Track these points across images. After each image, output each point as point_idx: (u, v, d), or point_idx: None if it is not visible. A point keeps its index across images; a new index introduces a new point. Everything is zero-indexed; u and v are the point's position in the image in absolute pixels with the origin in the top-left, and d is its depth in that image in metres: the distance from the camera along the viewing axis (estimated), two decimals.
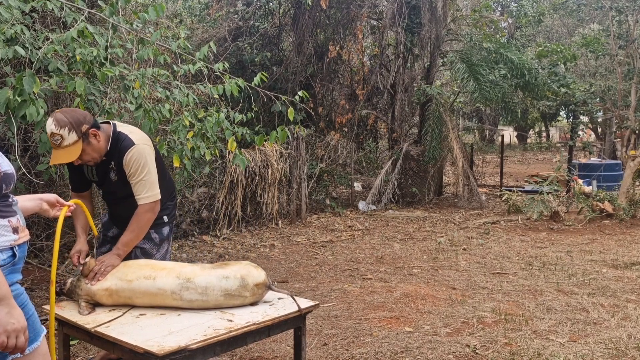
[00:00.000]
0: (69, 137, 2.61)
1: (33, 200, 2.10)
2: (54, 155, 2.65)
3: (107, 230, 3.09)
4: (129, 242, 2.81)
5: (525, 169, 17.69)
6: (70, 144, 2.62)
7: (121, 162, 2.81)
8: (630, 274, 5.39)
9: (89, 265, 2.53)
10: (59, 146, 2.62)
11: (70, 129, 2.60)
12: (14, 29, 3.30)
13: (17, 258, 1.80)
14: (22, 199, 2.05)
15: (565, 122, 23.23)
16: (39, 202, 2.11)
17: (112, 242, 3.05)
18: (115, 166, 2.84)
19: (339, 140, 9.96)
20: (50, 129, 2.59)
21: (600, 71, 14.21)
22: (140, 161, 2.80)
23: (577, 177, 10.77)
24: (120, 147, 2.81)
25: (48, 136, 2.62)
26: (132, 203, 2.85)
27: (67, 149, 2.62)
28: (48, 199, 2.15)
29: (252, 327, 2.33)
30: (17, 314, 1.67)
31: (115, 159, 2.82)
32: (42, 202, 2.12)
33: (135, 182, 2.82)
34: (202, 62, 4.44)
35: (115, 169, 2.85)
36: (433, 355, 3.47)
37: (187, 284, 2.43)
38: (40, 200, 2.12)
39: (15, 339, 1.67)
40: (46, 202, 2.14)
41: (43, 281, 4.97)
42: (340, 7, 10.19)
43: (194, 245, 6.89)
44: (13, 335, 1.66)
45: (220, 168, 7.58)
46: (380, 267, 5.85)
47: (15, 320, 1.66)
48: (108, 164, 2.85)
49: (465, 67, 9.58)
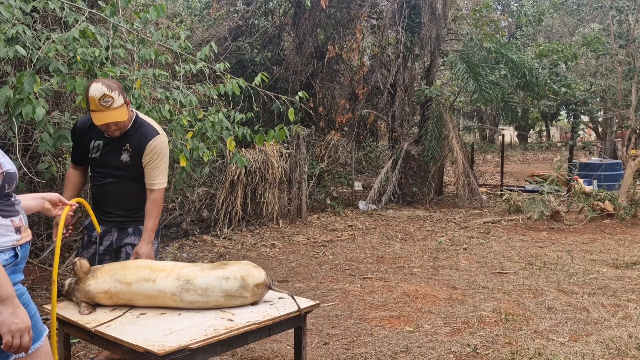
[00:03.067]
0: (118, 99, 2.78)
1: (35, 200, 2.11)
2: (102, 115, 2.77)
3: (91, 232, 3.06)
4: (154, 227, 2.98)
5: (526, 168, 17.69)
6: (119, 106, 2.79)
7: (142, 146, 2.93)
8: (630, 274, 5.39)
9: (80, 266, 2.52)
10: (109, 107, 2.76)
11: (119, 93, 2.79)
12: (15, 29, 3.30)
13: (19, 258, 1.80)
14: (24, 198, 2.06)
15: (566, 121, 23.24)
16: (41, 201, 2.12)
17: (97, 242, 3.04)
18: (132, 148, 2.96)
19: (339, 140, 9.96)
20: (101, 90, 2.73)
21: (601, 71, 14.21)
22: (163, 150, 2.99)
23: (577, 176, 10.76)
24: (142, 132, 2.96)
25: (94, 99, 2.73)
26: (127, 185, 3.01)
27: (117, 110, 2.78)
28: (50, 198, 2.15)
29: (252, 327, 2.33)
30: (21, 313, 1.68)
31: (133, 141, 2.95)
32: (45, 202, 2.13)
33: (153, 167, 2.97)
34: (203, 63, 4.44)
35: (130, 151, 2.96)
36: (433, 354, 3.47)
37: (187, 286, 2.43)
38: (43, 199, 2.13)
39: (20, 338, 1.67)
40: (48, 201, 2.14)
41: (44, 281, 4.97)
42: (341, 7, 10.19)
43: (195, 245, 6.90)
44: (17, 334, 1.66)
45: (220, 168, 7.58)
46: (380, 266, 5.86)
47: (20, 320, 1.66)
48: (122, 144, 2.96)
49: (465, 67, 9.58)
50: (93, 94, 2.75)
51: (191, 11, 10.60)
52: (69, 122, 3.72)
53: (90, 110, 2.81)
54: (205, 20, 10.15)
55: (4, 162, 1.77)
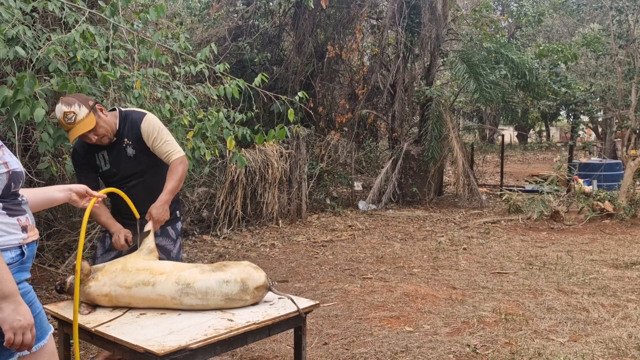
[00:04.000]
0: (81, 111, 2.79)
1: (63, 191, 2.16)
2: (72, 132, 2.79)
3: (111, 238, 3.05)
4: (174, 189, 2.96)
5: (526, 168, 17.69)
6: (84, 117, 2.80)
7: (138, 132, 2.97)
8: (630, 274, 5.39)
9: (81, 268, 2.52)
10: (74, 123, 2.78)
11: (79, 104, 2.80)
12: (15, 30, 3.31)
13: (25, 257, 1.81)
14: (52, 189, 2.13)
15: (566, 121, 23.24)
16: (68, 192, 2.17)
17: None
18: (131, 140, 2.98)
19: (339, 140, 9.97)
20: (62, 110, 2.76)
21: (601, 71, 14.22)
22: (157, 124, 3.00)
23: (577, 176, 10.76)
24: (132, 121, 3.00)
25: (61, 120, 2.77)
26: (148, 181, 3.03)
27: (82, 122, 2.80)
28: (78, 190, 2.20)
29: (252, 327, 2.33)
30: (23, 311, 1.68)
31: (129, 133, 2.99)
32: (72, 193, 2.18)
33: (160, 143, 2.98)
34: (203, 64, 4.45)
35: (131, 143, 2.99)
36: (433, 354, 3.47)
37: (187, 289, 2.42)
38: (70, 190, 2.18)
39: (22, 335, 1.67)
40: (75, 193, 2.19)
41: (44, 281, 4.97)
42: (341, 7, 10.19)
43: (194, 245, 6.90)
44: (20, 332, 1.66)
45: (220, 168, 7.58)
46: (380, 266, 5.86)
47: (22, 317, 1.67)
48: (121, 143, 2.99)
49: (465, 67, 9.58)
50: (58, 115, 2.80)
51: (191, 11, 10.59)
52: None
53: (66, 130, 2.85)
54: (205, 20, 10.15)
55: (10, 162, 1.78)
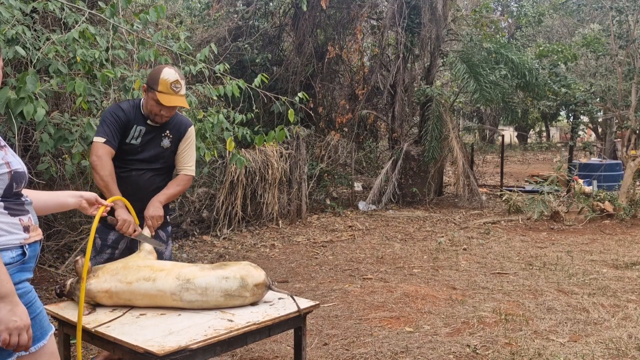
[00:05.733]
0: (184, 87, 2.99)
1: (75, 197, 2.22)
2: (170, 98, 2.90)
3: (106, 236, 3.03)
4: (172, 195, 3.10)
5: (526, 169, 17.69)
6: (184, 94, 3.00)
7: (182, 132, 3.12)
8: (630, 274, 5.39)
9: (82, 265, 2.52)
10: (177, 93, 2.93)
11: (185, 83, 3.02)
12: (15, 30, 3.31)
13: (27, 257, 1.81)
14: (65, 194, 2.21)
15: (566, 122, 23.23)
16: (79, 199, 2.23)
17: (113, 246, 3.04)
18: (172, 134, 3.09)
19: (339, 140, 9.96)
20: (175, 76, 2.91)
21: (601, 71, 14.21)
22: (194, 138, 3.23)
23: (577, 177, 10.77)
24: (181, 119, 3.16)
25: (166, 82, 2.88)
26: (157, 177, 3.09)
27: (183, 97, 2.98)
28: (88, 197, 2.26)
29: (252, 327, 2.33)
30: (20, 311, 1.67)
31: (174, 128, 3.10)
32: (82, 200, 2.24)
33: (189, 152, 3.16)
34: (203, 64, 4.45)
35: (170, 137, 3.09)
36: (433, 355, 3.47)
37: (187, 285, 2.44)
38: (81, 197, 2.24)
39: (18, 336, 1.67)
40: (86, 200, 2.25)
41: (43, 281, 4.97)
42: (341, 7, 10.19)
43: (194, 245, 6.90)
44: (15, 332, 1.66)
45: (220, 168, 7.58)
46: (380, 267, 5.86)
47: (18, 318, 1.66)
48: (163, 131, 3.07)
49: (465, 67, 9.58)
50: (166, 76, 2.89)
51: (191, 12, 10.60)
52: (69, 123, 3.73)
53: (157, 91, 2.89)
54: (205, 20, 10.15)
55: (12, 162, 1.78)
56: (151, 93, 2.93)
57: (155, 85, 2.90)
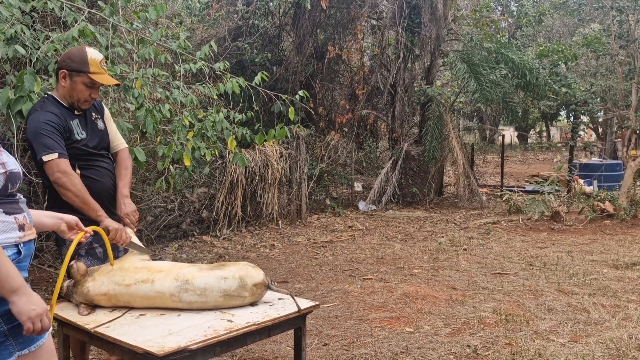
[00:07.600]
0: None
1: (53, 219, 2.08)
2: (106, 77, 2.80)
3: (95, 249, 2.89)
4: (130, 181, 2.99)
5: (526, 169, 17.69)
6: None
7: (101, 108, 3.00)
8: (631, 274, 5.38)
9: (77, 269, 2.50)
10: (106, 71, 2.83)
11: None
12: (14, 29, 3.30)
13: (22, 255, 1.82)
14: (42, 214, 2.06)
15: (566, 122, 23.20)
16: (58, 221, 2.09)
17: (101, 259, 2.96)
18: (99, 115, 2.96)
19: (339, 140, 9.95)
20: (100, 54, 2.79)
21: (601, 71, 14.21)
22: None
23: (577, 177, 10.76)
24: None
25: (97, 61, 2.74)
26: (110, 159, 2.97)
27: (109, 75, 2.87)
28: (68, 220, 2.11)
29: (252, 328, 2.32)
30: (35, 299, 1.73)
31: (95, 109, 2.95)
32: (62, 223, 2.09)
33: (114, 126, 3.04)
34: (202, 62, 4.44)
35: (99, 117, 2.96)
36: (433, 355, 3.46)
37: (186, 286, 2.42)
38: (61, 220, 2.09)
39: (40, 322, 1.74)
40: (66, 224, 2.10)
41: (42, 281, 4.97)
42: (341, 7, 10.18)
43: (194, 246, 6.89)
44: (37, 320, 1.73)
45: (220, 168, 7.57)
46: (380, 267, 5.85)
47: (36, 306, 1.72)
48: (90, 116, 2.90)
49: (465, 67, 9.57)
50: (94, 55, 2.73)
51: (191, 11, 10.58)
52: None
53: (90, 72, 2.69)
54: (205, 20, 10.14)
55: (7, 162, 1.80)
56: (80, 77, 2.69)
57: (85, 66, 2.69)
